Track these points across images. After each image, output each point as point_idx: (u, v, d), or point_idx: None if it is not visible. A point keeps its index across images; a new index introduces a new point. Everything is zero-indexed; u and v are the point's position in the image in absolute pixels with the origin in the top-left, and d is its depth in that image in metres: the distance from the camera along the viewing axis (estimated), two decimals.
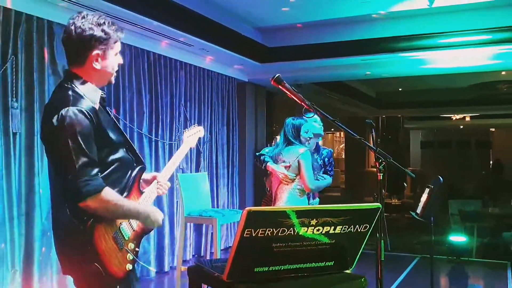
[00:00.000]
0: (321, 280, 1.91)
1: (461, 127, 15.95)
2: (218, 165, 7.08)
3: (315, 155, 4.10)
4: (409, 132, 16.11)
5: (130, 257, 2.01)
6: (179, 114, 6.20)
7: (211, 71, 6.91)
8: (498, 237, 7.81)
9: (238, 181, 7.64)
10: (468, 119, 14.41)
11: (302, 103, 2.27)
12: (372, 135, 2.35)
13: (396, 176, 12.52)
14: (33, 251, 4.16)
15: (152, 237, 5.59)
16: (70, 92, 1.94)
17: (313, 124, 4.00)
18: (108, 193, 1.89)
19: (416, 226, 8.14)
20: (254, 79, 7.75)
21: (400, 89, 11.28)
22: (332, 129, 15.39)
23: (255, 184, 7.91)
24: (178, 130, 6.13)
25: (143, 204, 2.11)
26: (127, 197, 2.04)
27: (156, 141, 5.74)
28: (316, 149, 4.15)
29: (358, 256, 1.98)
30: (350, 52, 6.37)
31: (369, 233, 1.92)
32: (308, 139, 3.84)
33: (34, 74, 4.23)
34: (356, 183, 13.46)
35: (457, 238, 6.66)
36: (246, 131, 7.82)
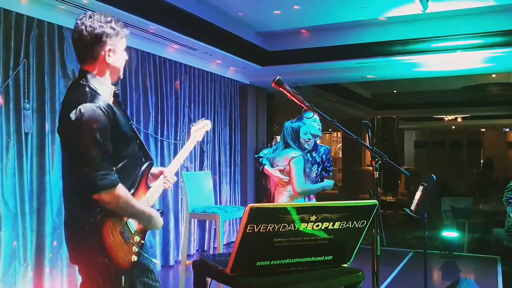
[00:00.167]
0: (320, 274, 1.91)
1: (453, 128, 15.93)
2: (221, 164, 7.09)
3: (314, 153, 4.09)
4: (404, 133, 16.09)
5: (136, 250, 2.02)
6: (184, 115, 6.21)
7: (214, 74, 6.91)
8: (489, 233, 7.82)
9: (240, 179, 7.65)
10: (460, 120, 14.39)
11: (302, 105, 2.27)
12: (368, 135, 2.36)
13: (391, 174, 12.53)
14: (44, 246, 4.17)
15: (158, 233, 5.60)
16: (87, 89, 1.95)
17: (312, 124, 3.97)
18: (121, 190, 1.91)
19: (410, 222, 8.14)
20: (255, 82, 7.75)
21: (395, 91, 11.26)
22: (330, 130, 15.37)
23: (256, 182, 7.92)
24: (183, 130, 6.13)
25: (149, 208, 2.10)
26: (136, 191, 2.06)
27: (162, 141, 5.75)
28: (314, 147, 4.13)
29: (356, 251, 1.98)
30: (347, 56, 6.37)
31: (366, 229, 1.93)
32: (308, 140, 3.83)
33: (45, 77, 4.23)
34: (353, 181, 13.45)
35: (450, 234, 6.67)
36: (248, 131, 7.81)
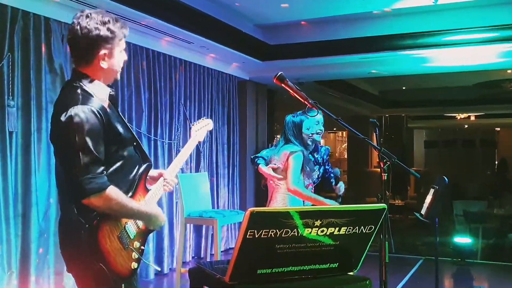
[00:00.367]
0: (325, 282, 1.90)
1: (466, 127, 15.92)
2: (219, 165, 7.07)
3: (315, 154, 4.07)
4: (413, 132, 16.08)
5: (135, 256, 2.03)
6: (179, 113, 6.19)
7: (212, 69, 6.90)
8: (504, 238, 7.81)
9: (239, 181, 7.63)
10: (473, 119, 14.38)
11: (306, 102, 2.26)
12: (376, 135, 2.35)
13: (400, 177, 12.51)
14: (30, 253, 4.15)
15: (152, 239, 5.59)
16: (79, 91, 1.96)
17: (316, 125, 3.95)
18: (112, 192, 1.91)
19: (420, 227, 8.13)
20: (255, 77, 7.73)
21: (404, 88, 11.25)
22: (334, 128, 15.34)
23: (256, 184, 7.90)
24: (178, 129, 6.12)
25: (147, 206, 2.12)
26: (134, 194, 2.07)
27: (155, 140, 5.73)
28: (315, 148, 4.11)
29: (363, 258, 1.97)
30: (353, 50, 6.35)
31: (374, 235, 1.92)
32: (311, 135, 3.78)
33: (31, 72, 4.22)
34: (359, 184, 13.44)
35: (462, 240, 6.65)
36: (247, 130, 7.79)
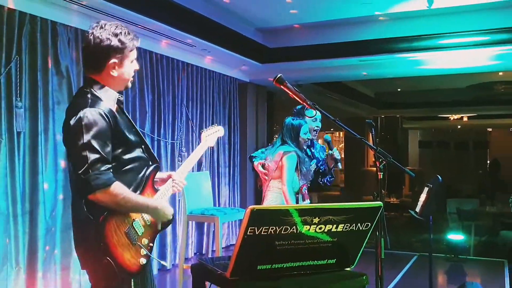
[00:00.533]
0: (323, 278, 1.91)
1: (459, 127, 15.94)
2: (220, 164, 7.08)
3: (312, 149, 4.08)
4: (408, 132, 16.10)
5: (144, 252, 2.06)
6: (181, 114, 6.20)
7: (213, 72, 6.90)
8: (495, 235, 7.83)
9: (240, 180, 7.64)
10: (466, 120, 14.40)
11: (304, 103, 2.27)
12: (372, 135, 2.35)
13: (395, 175, 12.52)
14: (37, 249, 4.15)
15: None
16: (89, 96, 2.03)
17: (313, 122, 3.96)
18: (117, 187, 1.95)
19: (415, 225, 8.14)
20: (255, 80, 7.74)
21: (399, 90, 11.26)
22: (332, 129, 15.34)
23: (256, 183, 7.91)
24: (180, 130, 6.13)
25: (155, 200, 2.15)
26: (141, 194, 2.11)
27: (159, 141, 5.74)
28: (311, 143, 4.11)
29: (360, 254, 1.98)
30: (350, 53, 6.35)
31: (371, 232, 1.92)
32: (307, 140, 3.81)
33: (38, 74, 4.22)
34: (355, 182, 13.45)
35: (455, 237, 6.66)
36: (247, 131, 7.81)
